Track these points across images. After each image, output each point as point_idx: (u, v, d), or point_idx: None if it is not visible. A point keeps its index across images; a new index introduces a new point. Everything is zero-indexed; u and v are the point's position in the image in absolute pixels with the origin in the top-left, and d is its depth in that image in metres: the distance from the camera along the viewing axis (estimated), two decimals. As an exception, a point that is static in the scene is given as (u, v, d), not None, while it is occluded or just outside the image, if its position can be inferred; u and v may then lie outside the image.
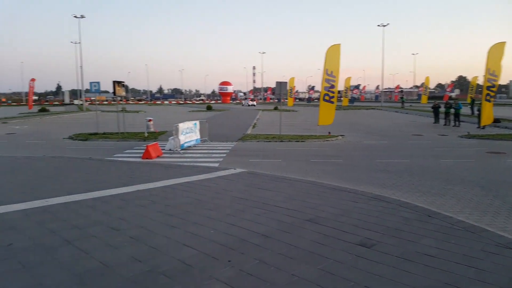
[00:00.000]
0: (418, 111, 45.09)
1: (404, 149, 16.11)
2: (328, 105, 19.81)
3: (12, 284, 3.86)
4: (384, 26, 63.69)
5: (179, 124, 15.20)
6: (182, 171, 10.35)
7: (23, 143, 18.89)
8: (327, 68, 19.25)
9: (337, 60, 19.47)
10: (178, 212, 6.43)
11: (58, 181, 9.02)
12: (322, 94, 19.84)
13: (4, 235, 5.27)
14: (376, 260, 4.49)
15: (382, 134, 22.18)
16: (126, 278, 4.01)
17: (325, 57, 19.21)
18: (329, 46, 19.40)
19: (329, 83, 19.46)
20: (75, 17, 56.68)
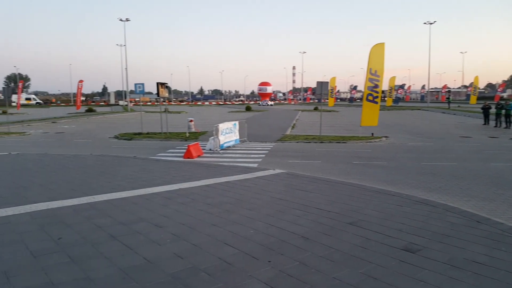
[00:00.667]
0: (466, 112, 42.93)
1: (452, 152, 15.36)
2: (372, 105, 19.31)
3: (61, 276, 4.05)
4: (431, 24, 61.32)
5: (219, 125, 15.42)
6: (222, 170, 10.48)
7: (71, 142, 19.96)
8: (371, 67, 18.78)
9: (381, 59, 18.96)
10: (218, 211, 6.51)
11: (104, 178, 9.43)
12: (366, 94, 19.38)
13: (55, 229, 5.55)
14: (421, 266, 4.31)
15: (428, 136, 21.29)
16: (168, 274, 4.10)
17: (369, 56, 18.76)
18: (373, 45, 18.95)
19: (372, 82, 18.99)
20: (120, 20, 59.20)
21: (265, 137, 20.31)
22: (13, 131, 24.60)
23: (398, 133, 22.84)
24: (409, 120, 35.25)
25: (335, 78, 51.65)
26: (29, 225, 5.76)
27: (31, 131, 25.43)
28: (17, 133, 23.85)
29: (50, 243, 5.02)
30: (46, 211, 6.48)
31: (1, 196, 7.56)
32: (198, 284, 3.89)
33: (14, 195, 7.68)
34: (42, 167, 10.99)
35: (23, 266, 4.30)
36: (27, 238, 5.20)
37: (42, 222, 5.85)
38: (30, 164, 11.55)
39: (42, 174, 9.97)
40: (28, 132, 24.66)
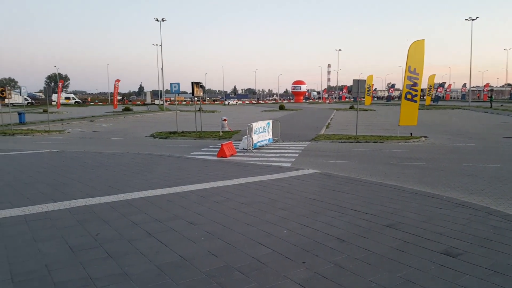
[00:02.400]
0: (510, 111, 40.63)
1: (494, 153, 14.55)
2: (411, 104, 18.68)
3: (99, 271, 4.15)
4: (473, 20, 58.50)
5: (252, 124, 15.42)
6: (255, 170, 10.46)
7: (108, 140, 20.67)
8: (410, 65, 18.18)
9: (421, 56, 18.30)
10: (251, 210, 6.48)
11: (140, 176, 9.65)
12: (404, 93, 18.78)
13: (93, 225, 5.71)
14: (462, 271, 4.11)
15: (469, 136, 20.33)
16: (203, 272, 4.11)
17: (408, 54, 18.16)
18: (412, 42, 18.31)
19: (411, 80, 18.37)
20: (156, 20, 60.65)
21: (298, 136, 20.13)
22: (53, 129, 25.76)
23: (438, 133, 21.95)
24: (450, 119, 33.84)
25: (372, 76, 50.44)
26: (68, 220, 5.96)
27: (70, 129, 26.58)
28: (56, 131, 24.96)
29: (88, 238, 5.17)
30: (84, 207, 6.70)
31: (42, 192, 7.90)
32: (232, 283, 3.86)
33: (54, 191, 7.98)
34: (80, 165, 11.41)
35: (62, 260, 4.45)
36: (67, 233, 5.38)
37: (81, 218, 6.04)
38: (69, 162, 12.03)
39: (81, 171, 10.35)
40: (67, 130, 25.77)
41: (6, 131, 24.33)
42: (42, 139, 21.14)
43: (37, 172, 10.14)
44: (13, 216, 6.12)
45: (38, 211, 6.41)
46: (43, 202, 6.98)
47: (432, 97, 60.25)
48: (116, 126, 29.88)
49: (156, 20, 60.59)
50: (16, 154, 13.91)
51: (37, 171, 10.29)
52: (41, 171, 10.30)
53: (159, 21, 60.81)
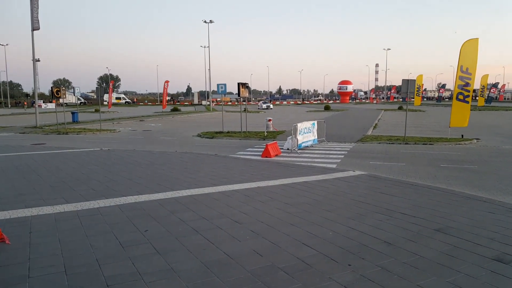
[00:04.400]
0: None
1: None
2: (462, 105, 17.75)
3: (147, 267, 4.30)
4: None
5: (297, 124, 15.36)
6: (300, 170, 10.42)
7: (157, 139, 21.42)
8: (462, 65, 17.29)
9: (473, 56, 17.35)
10: (296, 210, 6.48)
11: (188, 174, 9.93)
12: (456, 93, 17.89)
13: (142, 222, 5.93)
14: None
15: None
16: (248, 270, 4.17)
17: (460, 53, 17.29)
18: (465, 41, 17.42)
19: (463, 81, 17.46)
20: (204, 22, 62.13)
21: (344, 137, 19.77)
22: (104, 128, 27.05)
23: (491, 135, 20.66)
24: (503, 121, 31.70)
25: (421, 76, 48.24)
26: (119, 217, 6.22)
27: (120, 129, 27.83)
28: (108, 130, 26.22)
29: (137, 234, 5.37)
30: (134, 204, 6.98)
31: (94, 189, 8.31)
32: (277, 282, 3.90)
33: (105, 188, 8.38)
34: (130, 163, 11.92)
35: (112, 255, 4.64)
36: (117, 229, 5.61)
37: (130, 215, 6.29)
38: (120, 160, 12.59)
39: (131, 169, 10.80)
40: (118, 130, 26.97)
41: (61, 130, 25.85)
42: (94, 138, 22.33)
43: (89, 169, 10.73)
44: (67, 212, 6.48)
45: (90, 207, 6.75)
46: (95, 199, 7.32)
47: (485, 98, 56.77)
48: (164, 126, 30.90)
49: (204, 22, 62.11)
50: (70, 152, 14.79)
51: (89, 168, 10.89)
52: (93, 168, 10.88)
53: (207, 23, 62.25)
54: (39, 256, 4.60)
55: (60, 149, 15.79)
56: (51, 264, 4.37)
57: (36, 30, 28.71)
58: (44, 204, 6.90)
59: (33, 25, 28.46)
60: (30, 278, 4.00)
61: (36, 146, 17.29)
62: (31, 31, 28.61)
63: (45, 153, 14.47)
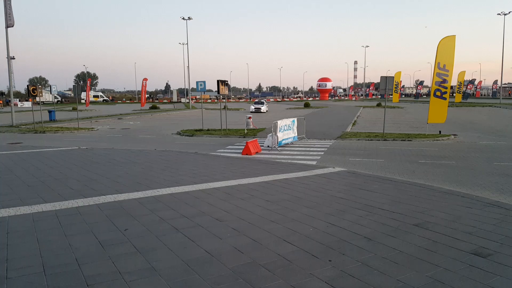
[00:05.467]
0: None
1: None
2: (440, 102, 18.19)
3: (127, 266, 4.24)
4: (505, 15, 56.11)
5: (277, 122, 15.39)
6: (280, 167, 10.44)
7: (136, 137, 21.10)
8: (439, 62, 17.69)
9: (451, 52, 17.79)
10: (277, 207, 6.48)
11: (167, 173, 9.82)
12: (433, 90, 18.29)
13: (122, 221, 5.84)
14: (492, 272, 4.02)
15: (501, 135, 19.58)
16: (229, 268, 4.14)
17: (437, 50, 17.68)
18: (442, 38, 17.80)
19: (441, 77, 17.87)
20: (183, 19, 61.47)
21: (324, 134, 19.96)
22: (82, 127, 26.50)
23: (468, 131, 21.26)
24: (480, 117, 32.67)
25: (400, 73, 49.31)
26: (98, 216, 6.10)
27: (98, 127, 27.31)
28: (85, 129, 25.69)
29: (117, 233, 5.29)
30: (113, 203, 6.86)
31: (72, 188, 8.13)
32: (258, 279, 3.88)
33: (84, 187, 8.20)
34: (109, 161, 11.70)
35: (92, 254, 4.56)
36: (96, 228, 5.51)
37: (110, 214, 6.19)
38: (98, 158, 12.34)
39: (109, 168, 10.60)
40: (96, 128, 26.47)
41: (37, 129, 25.21)
42: (71, 137, 21.83)
43: (67, 168, 10.47)
44: (45, 211, 6.34)
45: (68, 207, 6.61)
46: (74, 198, 7.18)
47: (462, 95, 58.39)
48: (143, 124, 30.47)
49: (183, 18, 61.44)
50: (47, 151, 14.39)
51: (67, 167, 10.62)
52: (71, 167, 10.62)
53: (185, 20, 61.60)
54: (17, 257, 4.48)
55: (37, 148, 15.34)
56: (30, 264, 4.27)
57: (10, 27, 27.83)
58: (22, 204, 6.70)
59: (7, 22, 27.58)
60: (8, 279, 3.89)
61: (12, 145, 16.78)
62: (5, 28, 27.71)
63: (22, 152, 14.03)
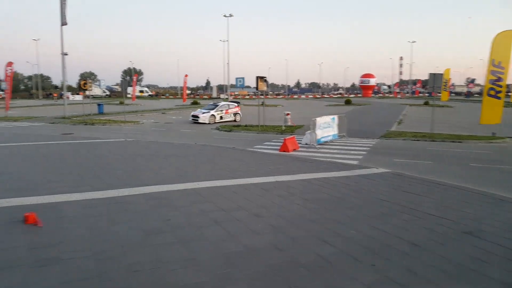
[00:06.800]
0: None
1: None
2: (494, 101, 17.04)
3: (169, 255, 4.32)
4: None
5: (317, 119, 15.10)
6: (319, 166, 10.24)
7: (178, 131, 21.57)
8: (494, 58, 16.56)
9: (507, 49, 16.56)
10: (316, 207, 6.33)
11: (207, 166, 9.92)
12: (486, 88, 17.17)
13: (164, 211, 5.96)
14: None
15: None
16: (268, 264, 4.09)
17: (492, 46, 16.56)
18: (498, 33, 16.64)
19: (495, 75, 16.74)
20: (224, 16, 62.11)
21: (366, 132, 19.37)
22: (128, 120, 27.45)
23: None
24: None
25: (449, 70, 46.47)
26: (142, 205, 6.28)
27: (143, 120, 28.16)
28: (131, 122, 26.59)
29: (160, 223, 5.41)
30: (156, 193, 7.02)
31: (119, 177, 8.43)
32: (297, 278, 3.79)
33: (129, 177, 8.50)
34: (152, 154, 12.02)
35: (136, 242, 4.70)
36: (141, 217, 5.67)
37: (153, 204, 6.34)
38: (143, 150, 12.73)
39: (153, 160, 10.89)
40: (141, 121, 27.33)
41: (87, 121, 26.47)
42: (118, 129, 22.69)
43: (114, 159, 10.89)
44: (94, 199, 6.60)
45: (115, 195, 6.84)
46: (120, 187, 7.41)
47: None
48: (185, 118, 31.10)
49: (224, 16, 62.05)
50: (96, 142, 15.09)
51: (114, 158, 11.04)
52: (117, 158, 11.03)
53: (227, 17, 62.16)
54: (69, 240, 4.72)
55: (87, 139, 16.12)
56: (80, 248, 4.48)
57: (65, 25, 29.27)
58: (73, 191, 7.02)
59: (62, 20, 29.01)
60: (61, 261, 4.11)
61: (65, 136, 17.68)
62: (60, 26, 29.18)
63: (74, 143, 14.81)
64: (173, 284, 3.67)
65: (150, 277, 3.79)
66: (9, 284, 3.60)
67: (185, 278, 3.78)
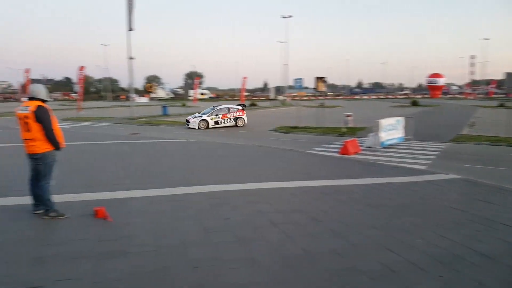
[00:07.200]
0: None
1: None
2: None
3: (229, 253, 4.38)
4: None
5: (381, 120, 14.51)
6: (383, 170, 9.82)
7: (235, 132, 21.87)
8: None
9: None
10: (378, 213, 6.07)
11: (264, 167, 9.96)
12: None
13: (224, 210, 6.07)
14: None
15: None
16: (327, 269, 4.00)
17: None
18: None
19: None
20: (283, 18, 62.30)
21: (435, 136, 18.23)
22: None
23: None
24: None
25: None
26: (202, 203, 6.44)
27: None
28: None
29: (219, 221, 5.52)
30: (216, 192, 7.17)
31: (181, 175, 8.77)
32: (358, 285, 3.67)
33: (190, 175, 8.79)
34: (211, 154, 12.36)
35: (197, 239, 4.83)
36: (201, 215, 5.82)
37: (213, 202, 6.48)
38: (202, 150, 13.14)
39: (212, 159, 11.19)
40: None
41: (152, 121, 27.88)
42: (180, 130, 23.58)
43: (177, 158, 11.36)
44: (157, 196, 6.90)
45: (177, 193, 7.10)
46: (182, 185, 7.69)
47: None
48: (243, 120, 31.52)
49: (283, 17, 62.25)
50: (160, 142, 15.84)
51: (177, 157, 11.51)
52: (180, 157, 11.49)
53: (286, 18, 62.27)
54: (135, 234, 4.98)
55: (152, 139, 16.96)
56: (145, 242, 4.71)
57: (132, 30, 31.01)
58: (139, 188, 7.41)
59: (129, 26, 30.74)
60: (128, 253, 4.35)
61: (132, 136, 18.80)
62: (127, 32, 30.93)
63: (140, 142, 15.69)
64: (232, 283, 3.72)
65: (209, 274, 3.88)
66: (81, 273, 3.87)
67: (243, 277, 3.82)
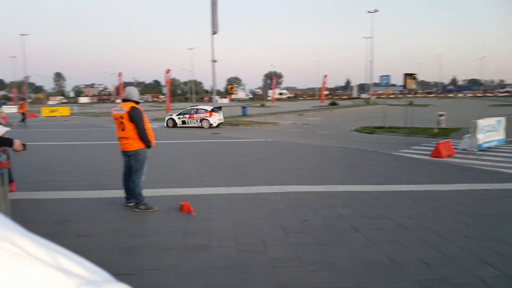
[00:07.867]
0: None
1: None
2: None
3: (307, 256, 4.31)
4: None
5: (478, 121, 13.17)
6: (480, 175, 8.92)
7: (315, 133, 21.56)
8: None
9: None
10: (474, 222, 5.51)
11: (345, 169, 9.65)
12: None
13: (302, 211, 5.99)
14: None
15: None
16: (414, 279, 3.72)
17: None
18: None
19: None
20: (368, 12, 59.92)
21: (541, 138, 16.04)
22: (268, 121, 28.80)
23: None
24: None
25: None
26: (280, 203, 6.44)
27: (282, 122, 29.12)
28: (271, 123, 27.76)
29: (297, 222, 5.45)
30: (294, 193, 7.12)
31: (259, 175, 8.84)
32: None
33: (268, 175, 8.78)
34: (290, 154, 12.31)
35: (276, 238, 4.84)
36: (279, 214, 5.82)
37: (291, 203, 6.43)
38: (281, 151, 13.16)
39: (290, 160, 11.14)
40: (280, 123, 28.32)
41: (233, 122, 28.73)
42: (259, 130, 23.96)
43: (255, 157, 11.52)
44: (237, 193, 7.08)
45: (256, 192, 7.21)
46: (260, 184, 7.80)
47: None
48: (322, 120, 31.08)
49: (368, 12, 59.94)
50: (240, 141, 16.31)
51: (255, 157, 11.68)
52: (258, 157, 11.64)
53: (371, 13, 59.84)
54: (217, 230, 5.15)
55: (232, 138, 17.57)
56: (225, 238, 4.85)
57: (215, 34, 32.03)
58: (220, 185, 7.69)
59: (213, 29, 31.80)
60: (209, 248, 4.52)
61: (214, 135, 19.67)
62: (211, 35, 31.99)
63: (221, 141, 16.34)
64: (310, 285, 3.65)
65: (288, 274, 3.85)
66: (165, 263, 4.11)
67: (322, 281, 3.73)
